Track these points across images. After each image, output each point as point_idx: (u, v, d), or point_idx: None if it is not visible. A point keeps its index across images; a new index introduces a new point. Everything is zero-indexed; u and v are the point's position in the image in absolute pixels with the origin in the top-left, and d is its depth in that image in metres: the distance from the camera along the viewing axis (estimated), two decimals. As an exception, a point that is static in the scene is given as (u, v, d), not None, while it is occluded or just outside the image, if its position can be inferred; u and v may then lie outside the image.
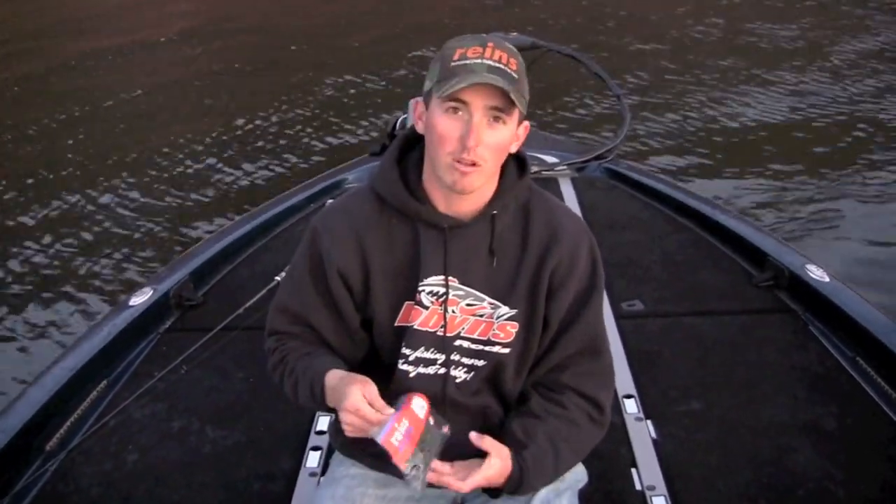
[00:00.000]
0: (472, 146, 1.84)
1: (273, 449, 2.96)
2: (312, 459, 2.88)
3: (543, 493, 2.08)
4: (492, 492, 2.01)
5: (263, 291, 3.66)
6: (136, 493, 2.80)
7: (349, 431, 1.90)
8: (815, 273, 3.65)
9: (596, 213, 4.51)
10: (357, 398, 1.86)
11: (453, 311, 2.03)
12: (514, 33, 5.29)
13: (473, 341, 2.05)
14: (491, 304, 2.02)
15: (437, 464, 1.88)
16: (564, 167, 5.06)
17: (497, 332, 2.04)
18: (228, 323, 3.53)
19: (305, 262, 2.10)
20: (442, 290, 2.01)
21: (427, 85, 1.90)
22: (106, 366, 3.46)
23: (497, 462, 1.92)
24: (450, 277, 2.01)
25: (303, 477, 2.80)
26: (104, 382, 3.38)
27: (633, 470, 2.75)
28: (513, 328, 2.04)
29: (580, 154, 5.27)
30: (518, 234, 2.03)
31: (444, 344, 2.05)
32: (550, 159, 5.15)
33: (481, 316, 2.03)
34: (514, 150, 1.96)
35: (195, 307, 3.90)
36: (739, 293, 3.79)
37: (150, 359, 3.53)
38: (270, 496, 2.74)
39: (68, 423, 3.14)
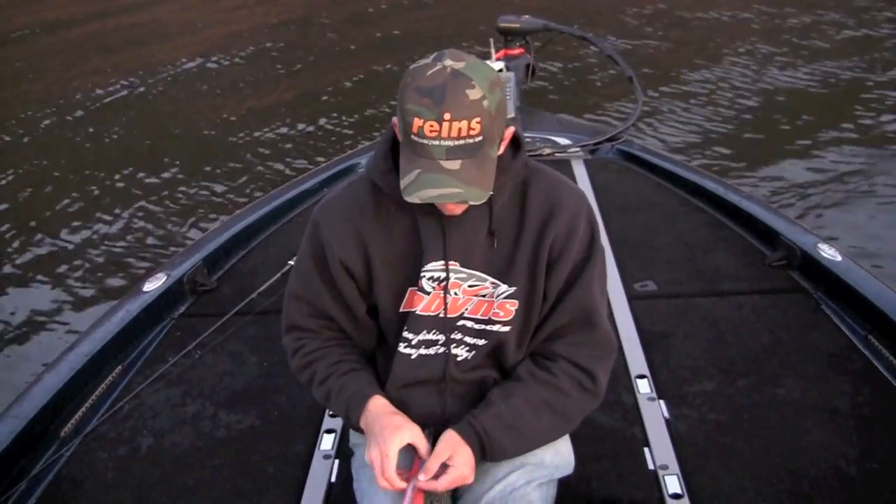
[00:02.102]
0: (450, 210, 1.93)
1: (287, 432, 2.97)
2: (326, 442, 2.89)
3: (514, 476, 2.11)
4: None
5: (277, 276, 3.67)
6: (151, 477, 2.82)
7: (369, 460, 2.00)
8: (828, 252, 3.64)
9: (608, 195, 4.50)
10: (394, 445, 1.96)
11: (456, 294, 2.06)
12: (527, 16, 5.28)
13: (476, 321, 2.08)
14: (493, 283, 2.05)
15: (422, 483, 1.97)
16: (577, 149, 5.05)
17: (497, 310, 2.06)
18: (242, 308, 3.55)
19: (309, 253, 2.14)
20: (443, 274, 2.04)
21: (397, 122, 1.88)
22: (120, 351, 3.48)
23: (458, 459, 1.98)
24: (451, 262, 2.03)
25: (317, 460, 2.81)
26: (118, 368, 3.40)
27: (646, 449, 2.76)
28: (512, 306, 2.06)
29: (592, 136, 5.26)
30: (516, 212, 2.04)
31: (444, 325, 2.08)
32: (563, 141, 5.15)
33: (484, 296, 2.06)
34: (500, 152, 1.94)
35: (209, 292, 3.91)
36: (752, 273, 3.78)
37: (165, 344, 3.55)
38: (285, 479, 2.75)
39: (83, 409, 3.16)
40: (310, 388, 2.20)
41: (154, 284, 3.79)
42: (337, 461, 2.78)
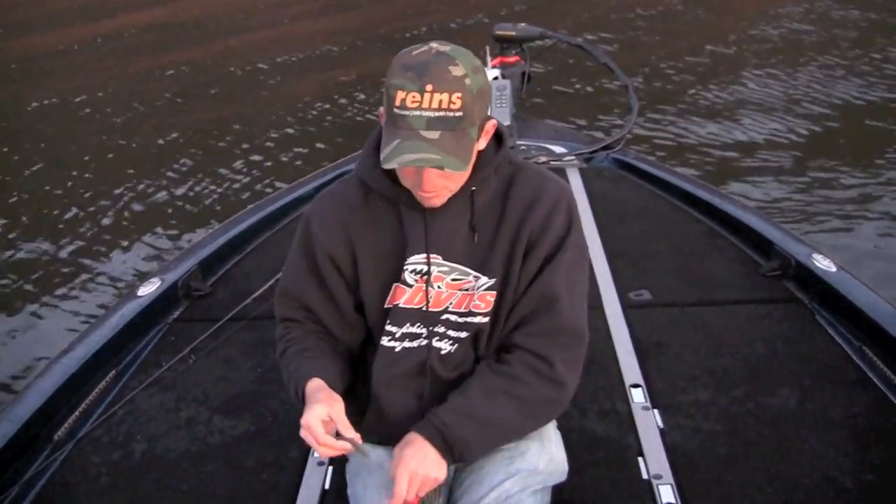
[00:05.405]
0: (427, 190, 1.94)
1: (281, 438, 2.97)
2: None
3: (508, 484, 2.11)
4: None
5: (272, 281, 3.66)
6: (145, 482, 2.82)
7: (308, 442, 1.98)
8: (822, 263, 3.64)
9: (604, 203, 4.52)
10: (313, 416, 1.95)
11: (439, 287, 2.09)
12: (523, 24, 5.29)
13: (459, 314, 2.11)
14: (475, 276, 2.08)
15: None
16: (573, 157, 5.06)
17: (477, 302, 2.09)
18: (236, 313, 3.55)
19: (300, 248, 2.20)
20: (425, 267, 2.08)
21: (382, 110, 1.93)
22: (114, 356, 3.48)
23: (407, 453, 1.98)
24: (433, 255, 2.07)
25: (311, 466, 2.81)
26: (113, 372, 3.39)
27: (640, 459, 2.75)
28: (491, 297, 2.09)
29: (588, 144, 5.28)
30: (498, 206, 2.08)
31: (427, 318, 2.11)
32: (558, 149, 5.16)
33: (467, 289, 2.09)
34: (482, 146, 1.99)
35: (203, 297, 3.91)
36: (747, 283, 3.78)
37: (159, 349, 3.55)
38: (279, 485, 2.75)
39: (77, 413, 3.16)
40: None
41: (149, 289, 3.80)
42: (331, 468, 2.78)
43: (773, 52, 10.58)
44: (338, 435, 1.98)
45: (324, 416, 1.94)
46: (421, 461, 1.97)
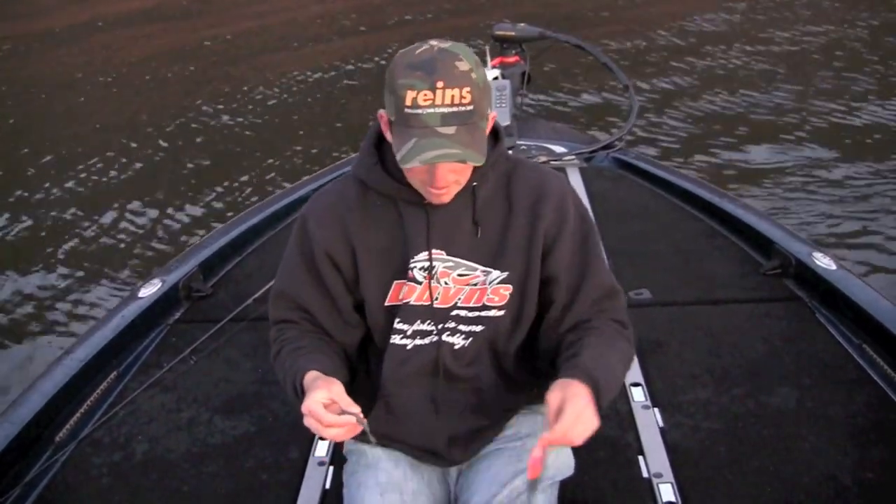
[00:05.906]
0: (440, 186, 1.93)
1: (282, 438, 2.97)
2: (321, 449, 2.88)
3: (518, 481, 2.10)
4: None
5: (272, 282, 3.66)
6: (146, 483, 2.82)
7: (313, 428, 1.92)
8: (822, 261, 3.64)
9: (604, 203, 4.51)
10: (313, 401, 1.89)
11: (446, 283, 2.09)
12: (523, 24, 5.29)
13: (470, 309, 2.11)
14: (484, 271, 2.08)
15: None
16: (573, 157, 5.07)
17: (491, 296, 2.10)
18: (237, 314, 3.54)
19: (297, 248, 2.18)
20: (429, 263, 2.07)
21: (387, 109, 1.92)
22: (115, 357, 3.48)
23: (572, 392, 1.86)
24: (437, 250, 2.07)
25: (311, 466, 2.81)
26: (114, 373, 3.39)
27: (640, 457, 2.76)
28: (506, 290, 2.10)
29: (588, 144, 5.28)
30: (503, 200, 2.09)
31: (435, 315, 2.11)
32: (558, 149, 5.16)
33: (475, 284, 2.09)
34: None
35: (204, 298, 3.92)
36: (747, 282, 3.78)
37: (160, 350, 3.55)
38: (279, 485, 2.75)
39: (78, 414, 3.16)
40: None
41: (149, 290, 3.80)
42: (331, 468, 2.78)
43: (777, 50, 10.56)
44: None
45: (324, 400, 1.89)
46: (586, 405, 1.86)
